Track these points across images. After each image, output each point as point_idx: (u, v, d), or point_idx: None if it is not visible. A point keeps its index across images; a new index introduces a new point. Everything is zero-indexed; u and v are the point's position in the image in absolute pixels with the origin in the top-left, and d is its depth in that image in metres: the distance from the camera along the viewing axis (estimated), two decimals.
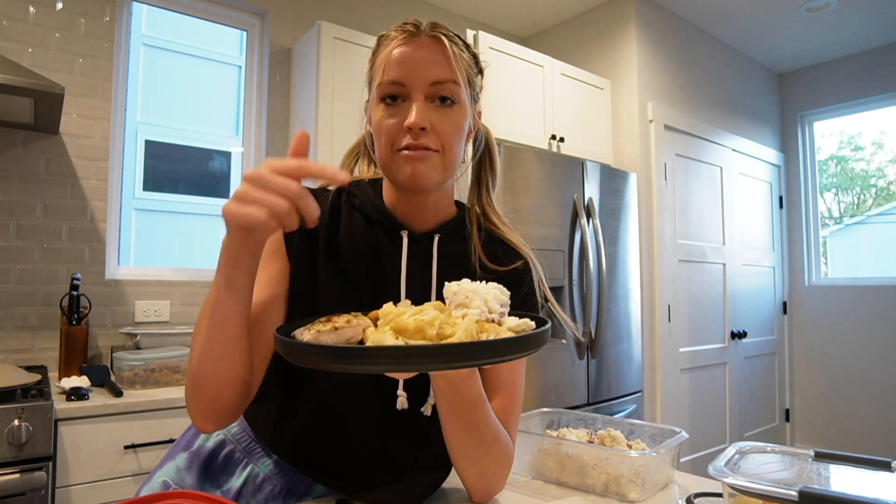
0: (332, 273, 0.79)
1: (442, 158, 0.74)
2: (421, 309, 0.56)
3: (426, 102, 0.73)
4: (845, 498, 0.56)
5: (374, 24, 2.79)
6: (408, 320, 0.54)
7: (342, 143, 2.28)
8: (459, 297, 0.58)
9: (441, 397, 0.71)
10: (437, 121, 0.73)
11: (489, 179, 0.89)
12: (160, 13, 2.43)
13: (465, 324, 0.54)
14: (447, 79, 0.73)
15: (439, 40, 0.74)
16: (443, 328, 0.54)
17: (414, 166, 0.72)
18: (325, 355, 0.51)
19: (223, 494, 0.79)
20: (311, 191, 0.82)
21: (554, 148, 2.70)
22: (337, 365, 0.51)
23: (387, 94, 0.74)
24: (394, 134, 0.73)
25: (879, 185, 3.99)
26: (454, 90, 0.74)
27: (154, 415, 1.64)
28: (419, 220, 0.82)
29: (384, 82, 0.74)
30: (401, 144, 0.73)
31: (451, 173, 0.78)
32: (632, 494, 0.83)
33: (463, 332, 0.53)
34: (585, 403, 2.45)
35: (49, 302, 2.00)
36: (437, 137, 0.73)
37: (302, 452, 0.81)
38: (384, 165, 0.76)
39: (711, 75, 3.49)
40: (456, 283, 0.60)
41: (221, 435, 0.83)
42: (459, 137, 0.76)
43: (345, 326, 0.56)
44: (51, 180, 2.03)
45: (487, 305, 0.57)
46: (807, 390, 3.88)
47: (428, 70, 0.73)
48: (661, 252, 2.99)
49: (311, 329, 0.56)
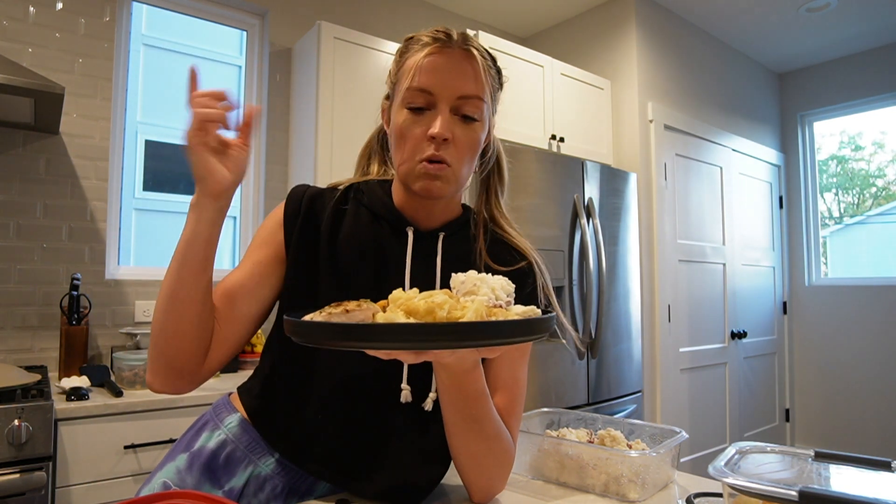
0: (334, 268, 0.79)
1: (455, 173, 0.76)
2: (431, 293, 0.57)
3: (450, 114, 0.75)
4: (845, 498, 0.56)
5: (374, 24, 2.79)
6: (418, 302, 0.55)
7: (342, 143, 2.28)
8: (467, 286, 0.60)
9: (444, 391, 0.71)
10: (458, 134, 0.75)
11: (498, 187, 0.91)
12: (160, 13, 2.43)
13: (475, 305, 0.55)
14: (474, 94, 0.75)
15: (471, 54, 0.76)
16: (452, 312, 0.55)
17: (431, 182, 0.75)
18: (336, 334, 0.52)
19: (225, 495, 0.79)
20: (319, 190, 0.84)
21: (554, 148, 2.70)
22: (348, 343, 0.52)
23: (413, 100, 0.75)
24: (417, 142, 0.75)
25: (879, 185, 3.99)
26: (478, 106, 0.76)
27: (154, 415, 1.64)
28: (426, 219, 0.83)
29: (412, 87, 0.75)
30: (423, 154, 0.74)
31: (462, 184, 0.80)
32: (632, 494, 0.83)
33: (473, 314, 0.54)
34: (585, 403, 2.45)
35: (49, 302, 2.00)
36: (456, 150, 0.75)
37: (304, 446, 0.81)
38: (403, 171, 0.77)
39: (711, 75, 3.49)
40: (462, 274, 0.61)
41: (223, 435, 0.83)
42: (475, 152, 0.79)
43: (356, 309, 0.57)
44: (51, 180, 2.03)
45: (495, 293, 0.59)
46: (807, 390, 3.88)
47: (457, 83, 0.75)
48: (661, 252, 2.99)
49: (321, 312, 0.57)
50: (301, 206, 0.82)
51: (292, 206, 0.82)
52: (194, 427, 0.86)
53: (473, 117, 0.76)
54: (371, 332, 0.51)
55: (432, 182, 0.75)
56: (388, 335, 0.51)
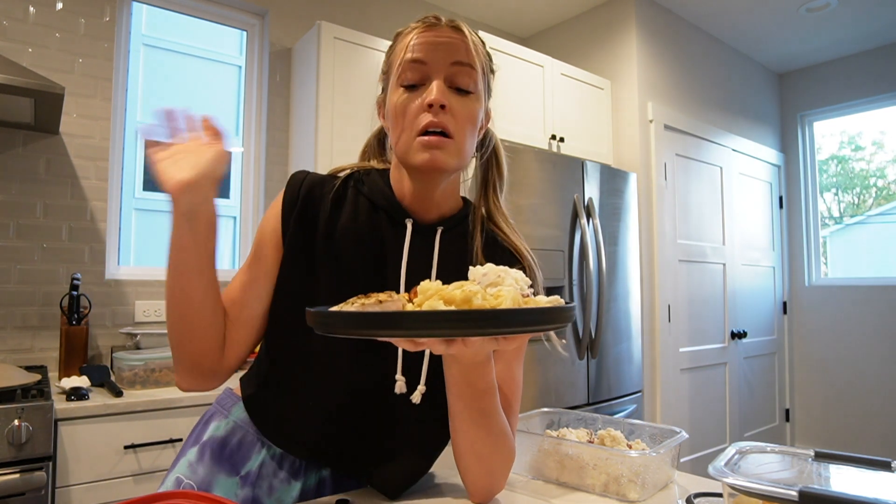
0: (331, 256, 0.79)
1: (456, 145, 0.76)
2: (462, 283, 0.57)
3: (445, 85, 0.75)
4: (845, 498, 0.56)
5: (374, 25, 2.79)
6: (454, 291, 0.55)
7: (342, 143, 2.28)
8: (491, 277, 0.60)
9: (454, 386, 0.71)
10: (454, 104, 0.75)
11: (496, 181, 0.90)
12: (160, 13, 2.43)
13: (511, 294, 0.55)
14: (466, 62, 0.76)
15: (460, 29, 0.77)
16: (486, 300, 0.55)
17: (432, 153, 0.74)
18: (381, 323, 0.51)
19: (242, 479, 0.79)
20: (319, 177, 0.84)
21: (554, 148, 2.70)
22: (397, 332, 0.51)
23: (407, 75, 0.76)
24: (414, 115, 0.75)
25: (879, 185, 3.99)
26: (472, 76, 0.76)
27: (154, 415, 1.64)
28: (424, 210, 0.83)
29: (404, 61, 0.75)
30: (421, 124, 0.74)
31: (464, 161, 0.79)
32: (632, 494, 0.83)
33: (510, 301, 0.54)
34: (585, 403, 2.45)
35: (49, 302, 2.00)
36: (454, 120, 0.75)
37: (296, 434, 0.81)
38: (401, 150, 0.77)
39: (711, 75, 3.49)
40: (482, 266, 0.62)
41: (232, 423, 0.83)
42: (473, 125, 0.79)
43: (388, 301, 0.56)
44: (51, 180, 2.03)
45: (518, 284, 0.59)
46: (807, 390, 3.88)
47: (449, 51, 0.75)
48: (661, 252, 2.99)
49: (352, 304, 0.57)
50: (299, 193, 0.82)
51: (290, 195, 0.82)
52: (201, 422, 0.87)
53: (468, 90, 0.76)
54: (418, 320, 0.51)
55: (433, 153, 0.74)
56: (436, 322, 0.50)
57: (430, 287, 0.57)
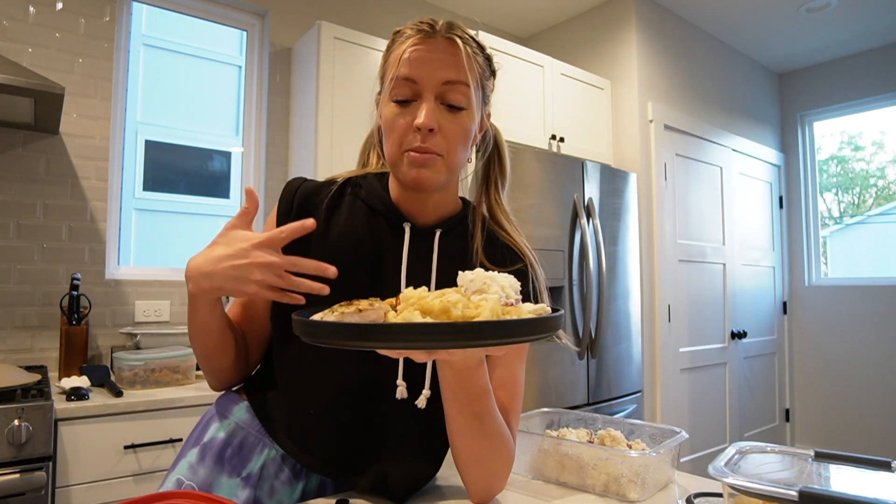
0: (329, 262, 0.79)
1: (446, 162, 0.76)
2: (444, 292, 0.57)
3: (436, 103, 0.74)
4: (845, 498, 0.56)
5: (374, 24, 2.79)
6: (433, 301, 0.55)
7: (342, 143, 2.28)
8: (477, 284, 0.59)
9: (448, 390, 0.71)
10: (445, 123, 0.75)
11: (498, 178, 0.89)
12: (160, 13, 2.43)
13: (491, 304, 0.54)
14: (458, 80, 0.75)
15: (454, 42, 0.75)
16: (466, 310, 0.54)
17: (419, 171, 0.74)
18: (353, 334, 0.51)
19: (243, 481, 0.79)
20: (315, 185, 0.84)
21: (554, 148, 2.70)
22: (366, 343, 0.51)
23: (398, 91, 0.75)
24: (403, 133, 0.75)
25: (879, 185, 3.99)
26: (464, 92, 0.75)
27: (154, 415, 1.64)
28: (422, 214, 0.83)
29: (396, 77, 0.75)
30: (410, 146, 0.74)
31: (454, 175, 0.79)
32: (632, 494, 0.83)
33: (489, 313, 0.53)
34: (585, 403, 2.45)
35: (49, 302, 2.00)
36: (445, 140, 0.75)
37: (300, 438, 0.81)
38: (391, 163, 0.77)
39: (711, 75, 3.49)
40: (470, 272, 0.61)
41: (232, 424, 0.83)
42: (465, 141, 0.78)
43: (368, 309, 0.56)
44: (51, 180, 2.03)
45: (504, 292, 0.59)
46: (807, 390, 3.88)
47: (440, 70, 0.74)
48: (661, 252, 2.99)
49: (333, 311, 0.56)
50: (293, 203, 0.82)
51: (284, 205, 0.83)
52: (200, 423, 0.87)
53: (460, 106, 0.75)
54: (388, 333, 0.51)
55: (420, 171, 0.74)
56: (406, 335, 0.50)
57: (412, 295, 0.57)
